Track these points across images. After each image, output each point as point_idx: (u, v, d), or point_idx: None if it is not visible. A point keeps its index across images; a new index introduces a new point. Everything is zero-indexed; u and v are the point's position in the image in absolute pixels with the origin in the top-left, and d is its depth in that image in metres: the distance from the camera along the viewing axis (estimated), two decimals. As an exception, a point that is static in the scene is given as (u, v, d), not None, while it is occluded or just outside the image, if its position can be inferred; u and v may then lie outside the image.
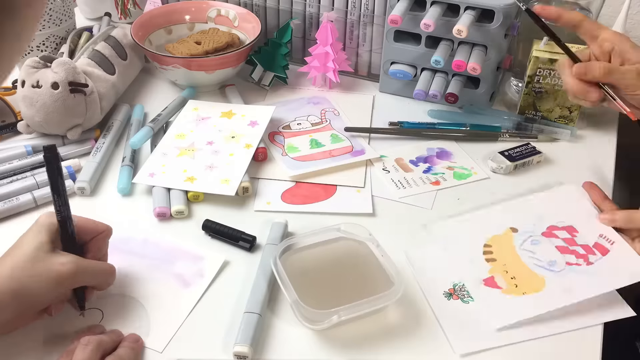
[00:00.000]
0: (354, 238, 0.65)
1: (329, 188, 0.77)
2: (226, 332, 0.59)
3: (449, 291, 0.63)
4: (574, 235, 0.68)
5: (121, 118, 0.86)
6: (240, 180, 0.74)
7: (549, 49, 0.83)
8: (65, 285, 0.56)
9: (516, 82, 0.96)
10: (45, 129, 0.79)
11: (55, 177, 0.56)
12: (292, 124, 0.88)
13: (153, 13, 0.98)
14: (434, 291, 0.63)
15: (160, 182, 0.74)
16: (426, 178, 0.79)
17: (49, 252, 0.55)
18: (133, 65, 0.93)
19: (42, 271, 0.54)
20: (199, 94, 0.94)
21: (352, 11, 0.93)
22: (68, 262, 0.55)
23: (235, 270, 0.66)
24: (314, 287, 0.61)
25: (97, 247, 0.60)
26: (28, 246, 0.55)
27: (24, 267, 0.54)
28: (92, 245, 0.60)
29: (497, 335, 0.59)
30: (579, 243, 0.67)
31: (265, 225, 0.70)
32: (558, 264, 0.65)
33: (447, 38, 0.87)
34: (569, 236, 0.68)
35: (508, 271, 0.64)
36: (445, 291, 0.63)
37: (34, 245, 0.55)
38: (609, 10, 0.99)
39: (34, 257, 0.54)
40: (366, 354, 0.58)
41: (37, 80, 0.77)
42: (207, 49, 0.92)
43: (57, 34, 0.92)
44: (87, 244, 0.60)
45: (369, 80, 0.99)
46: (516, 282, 0.63)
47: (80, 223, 0.59)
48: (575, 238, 0.68)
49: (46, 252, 0.55)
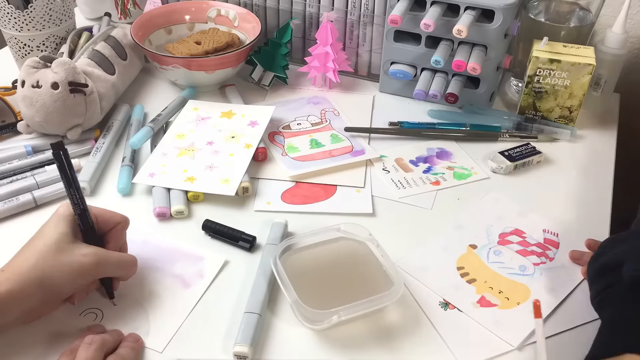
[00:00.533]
0: (354, 238, 0.65)
1: (329, 188, 0.77)
2: (226, 332, 0.59)
3: (444, 301, 0.63)
4: (523, 237, 0.70)
5: (121, 118, 0.86)
6: (240, 180, 0.74)
7: (549, 49, 0.83)
8: (87, 276, 0.57)
9: (516, 82, 0.96)
10: (45, 129, 0.79)
11: (67, 173, 0.56)
12: (292, 124, 0.88)
13: (153, 13, 0.98)
14: (430, 301, 0.63)
15: (160, 182, 0.74)
16: (426, 178, 0.79)
17: (70, 242, 0.56)
18: (133, 65, 0.93)
19: (65, 262, 0.55)
20: (199, 94, 0.94)
21: (352, 11, 0.93)
22: (90, 253, 0.56)
23: (235, 270, 0.66)
24: (313, 287, 0.61)
25: (116, 238, 0.61)
26: (50, 237, 0.56)
27: (47, 257, 0.54)
28: (110, 236, 0.61)
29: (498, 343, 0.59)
30: (531, 243, 0.69)
31: (265, 225, 0.70)
32: (528, 267, 0.66)
33: (447, 38, 0.87)
34: (520, 239, 0.69)
35: (493, 287, 0.64)
36: (441, 301, 0.63)
37: (55, 236, 0.56)
38: (609, 10, 0.99)
39: (56, 247, 0.55)
40: (366, 354, 0.58)
41: (37, 80, 0.77)
42: (207, 49, 0.92)
43: (57, 34, 0.92)
44: (106, 234, 0.61)
45: (369, 80, 0.99)
46: (505, 295, 0.63)
47: (98, 214, 0.60)
48: (526, 239, 0.69)
49: (68, 242, 0.56)
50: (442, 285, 0.64)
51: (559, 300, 0.63)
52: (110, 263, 0.58)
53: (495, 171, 0.80)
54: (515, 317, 0.61)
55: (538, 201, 0.75)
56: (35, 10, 0.87)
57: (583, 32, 0.89)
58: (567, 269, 0.66)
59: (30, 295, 0.54)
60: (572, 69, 0.81)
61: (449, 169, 0.80)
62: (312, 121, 0.88)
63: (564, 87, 0.83)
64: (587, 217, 0.73)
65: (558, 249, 0.68)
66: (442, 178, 0.79)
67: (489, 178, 0.79)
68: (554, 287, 0.64)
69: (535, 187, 0.77)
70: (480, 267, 0.66)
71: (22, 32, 0.89)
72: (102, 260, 0.57)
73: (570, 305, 0.62)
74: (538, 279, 0.65)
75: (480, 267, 0.66)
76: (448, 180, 0.79)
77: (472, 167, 0.81)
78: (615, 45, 0.88)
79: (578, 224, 0.72)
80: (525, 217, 0.72)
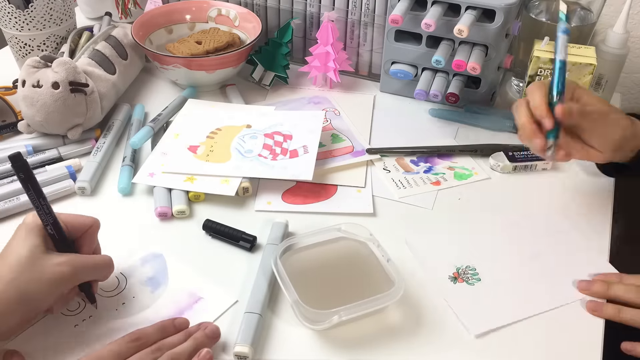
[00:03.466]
0: (354, 238, 0.65)
1: (329, 188, 0.77)
2: (226, 332, 0.59)
3: (454, 275, 0.65)
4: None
5: (122, 118, 0.86)
6: (240, 180, 0.74)
7: (550, 48, 0.82)
8: (66, 285, 0.56)
9: (517, 82, 0.96)
10: (46, 129, 0.79)
11: (33, 185, 0.54)
12: (292, 124, 0.88)
13: (154, 13, 0.98)
14: (440, 275, 0.66)
15: (160, 182, 0.74)
16: (427, 178, 0.79)
17: (44, 253, 0.54)
18: (134, 64, 0.93)
19: (40, 274, 0.53)
20: (200, 93, 0.94)
21: (352, 11, 0.93)
22: (65, 262, 0.55)
23: (236, 270, 0.66)
24: (314, 287, 0.61)
25: (89, 242, 0.59)
26: (22, 251, 0.54)
27: (23, 272, 0.53)
28: (83, 240, 0.59)
29: (507, 313, 0.61)
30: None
31: (265, 225, 0.70)
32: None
33: (448, 38, 0.87)
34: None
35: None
36: (450, 275, 0.65)
37: (27, 249, 0.54)
38: (610, 9, 0.99)
39: (30, 261, 0.53)
40: (366, 354, 0.58)
41: (37, 80, 0.76)
42: (207, 49, 0.92)
43: (57, 34, 0.92)
44: (78, 239, 0.59)
45: (370, 80, 0.99)
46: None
47: (67, 220, 0.58)
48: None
49: (41, 254, 0.54)
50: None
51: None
52: (86, 268, 0.57)
53: (493, 168, 0.80)
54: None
55: (537, 203, 0.75)
56: (36, 9, 0.87)
57: (584, 32, 0.89)
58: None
59: (10, 313, 0.52)
60: (573, 69, 0.81)
61: (449, 169, 0.80)
62: (313, 121, 0.88)
63: (565, 87, 0.83)
64: (587, 217, 0.73)
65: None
66: (443, 178, 0.79)
67: (490, 178, 0.79)
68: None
69: (534, 193, 0.77)
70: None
71: (23, 32, 0.89)
72: (79, 266, 0.56)
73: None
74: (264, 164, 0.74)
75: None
76: (449, 180, 0.79)
77: (472, 167, 0.81)
78: (616, 45, 0.88)
79: (578, 223, 0.72)
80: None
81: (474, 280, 0.65)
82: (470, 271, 0.66)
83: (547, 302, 0.63)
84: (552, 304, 0.63)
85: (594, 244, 0.70)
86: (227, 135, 0.81)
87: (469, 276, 0.65)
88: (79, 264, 0.56)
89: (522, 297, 0.63)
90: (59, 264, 0.54)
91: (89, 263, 0.58)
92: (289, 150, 0.78)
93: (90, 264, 0.58)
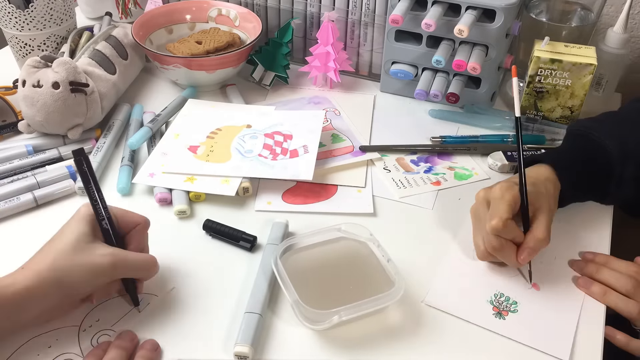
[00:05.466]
0: (354, 238, 0.65)
1: (329, 188, 0.77)
2: (226, 332, 0.59)
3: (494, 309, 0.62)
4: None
5: (122, 118, 0.86)
6: (240, 180, 0.74)
7: (550, 48, 0.82)
8: (104, 276, 0.56)
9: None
10: (46, 129, 0.79)
11: (92, 179, 0.57)
12: (292, 124, 0.87)
13: (154, 12, 0.98)
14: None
15: (160, 182, 0.74)
16: (427, 178, 0.79)
17: (89, 242, 0.56)
18: (134, 64, 0.93)
19: (81, 261, 0.55)
20: (200, 93, 0.94)
21: (353, 11, 0.93)
22: (107, 253, 0.56)
23: (236, 270, 0.66)
24: (314, 287, 0.61)
25: (137, 239, 0.60)
26: (70, 236, 0.56)
27: (65, 256, 0.54)
28: (131, 237, 0.60)
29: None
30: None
31: (266, 225, 0.70)
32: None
33: (448, 38, 0.87)
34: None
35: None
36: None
37: (75, 236, 0.55)
38: (611, 9, 0.99)
39: (74, 247, 0.55)
40: (367, 354, 0.58)
41: (37, 80, 0.77)
42: (207, 49, 0.92)
43: (57, 34, 0.92)
44: (127, 236, 0.60)
45: (370, 80, 0.99)
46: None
47: (118, 215, 0.60)
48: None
49: (87, 242, 0.56)
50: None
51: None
52: (128, 263, 0.58)
53: (490, 167, 0.80)
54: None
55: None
56: (36, 9, 0.87)
57: (584, 32, 0.89)
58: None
59: (48, 294, 0.54)
60: (574, 69, 0.81)
61: (449, 169, 0.80)
62: (313, 121, 0.88)
63: (565, 87, 0.83)
64: (588, 215, 0.73)
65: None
66: (443, 178, 0.79)
67: (490, 179, 0.79)
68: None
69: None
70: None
71: (23, 32, 0.89)
72: (120, 260, 0.56)
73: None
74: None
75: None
76: (449, 180, 0.79)
77: (472, 167, 0.81)
78: (616, 45, 0.88)
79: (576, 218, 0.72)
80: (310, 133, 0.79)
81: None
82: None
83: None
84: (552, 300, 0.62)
85: (594, 235, 0.70)
86: (227, 135, 0.81)
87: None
88: (120, 259, 0.57)
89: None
90: (101, 254, 0.56)
91: (130, 259, 0.58)
92: (289, 150, 0.78)
93: (131, 260, 0.58)
